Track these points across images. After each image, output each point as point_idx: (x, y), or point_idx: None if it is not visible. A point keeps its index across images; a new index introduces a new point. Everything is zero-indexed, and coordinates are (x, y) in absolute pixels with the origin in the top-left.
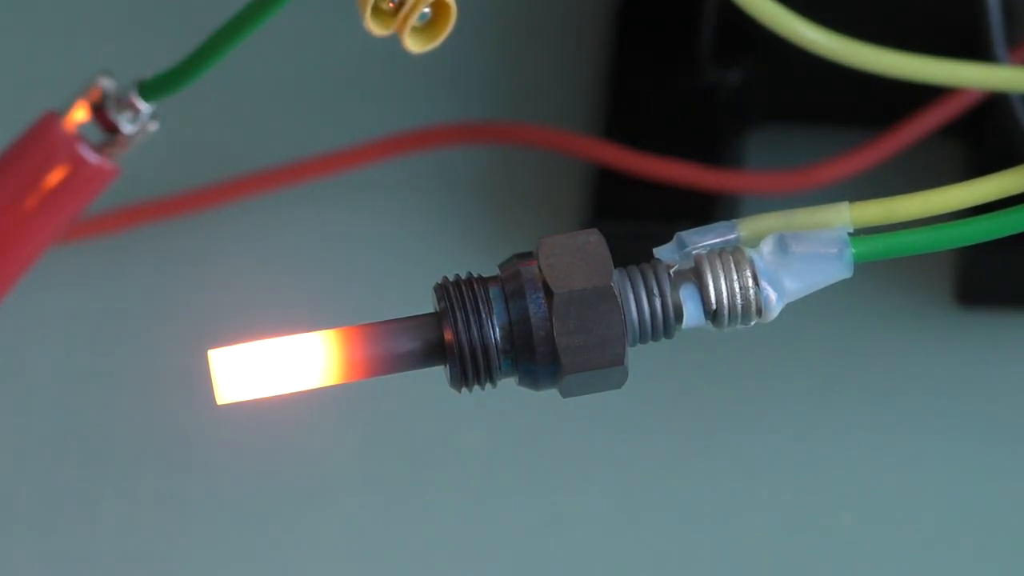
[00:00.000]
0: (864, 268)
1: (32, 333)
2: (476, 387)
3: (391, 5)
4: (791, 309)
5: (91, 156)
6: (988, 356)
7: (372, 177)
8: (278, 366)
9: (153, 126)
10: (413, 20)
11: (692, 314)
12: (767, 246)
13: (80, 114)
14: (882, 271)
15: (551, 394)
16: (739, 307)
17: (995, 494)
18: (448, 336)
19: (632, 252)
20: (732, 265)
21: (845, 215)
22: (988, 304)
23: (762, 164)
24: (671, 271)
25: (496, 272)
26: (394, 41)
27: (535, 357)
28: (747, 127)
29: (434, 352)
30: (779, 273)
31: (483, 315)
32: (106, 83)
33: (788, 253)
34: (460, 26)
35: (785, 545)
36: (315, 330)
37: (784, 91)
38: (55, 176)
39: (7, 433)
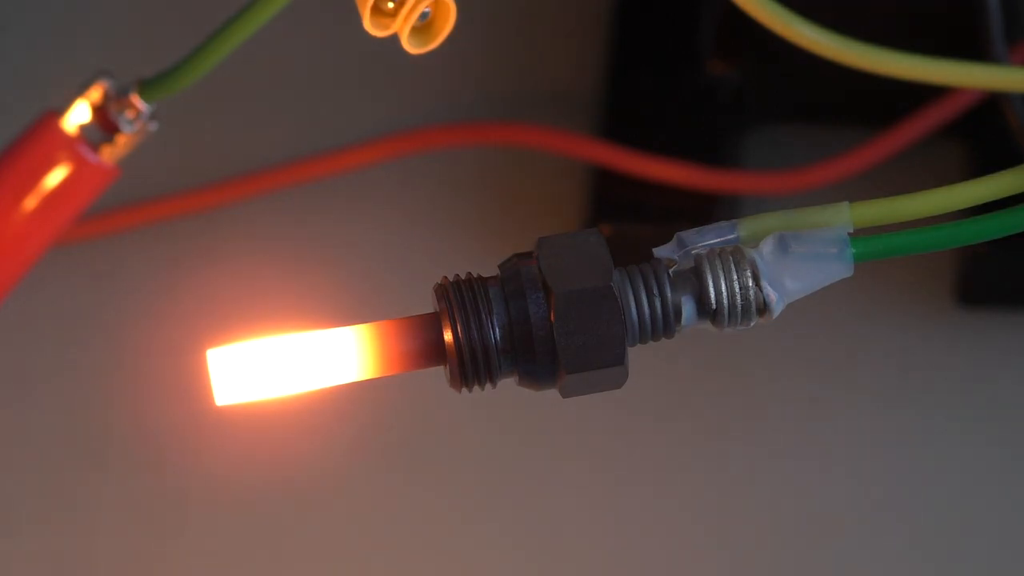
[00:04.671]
0: (864, 268)
1: (32, 333)
2: (476, 387)
3: (391, 6)
4: (792, 309)
5: (91, 156)
6: (988, 356)
7: (372, 177)
8: (277, 366)
9: (153, 126)
10: (413, 20)
11: (692, 314)
12: (767, 246)
13: (80, 114)
14: (882, 271)
15: (551, 394)
16: (739, 307)
17: (995, 492)
18: (448, 336)
19: (632, 252)
20: (732, 265)
21: (845, 215)
22: (988, 304)
23: (762, 164)
24: (671, 271)
25: (496, 272)
26: (394, 41)
27: (535, 357)
28: (747, 127)
29: (434, 352)
30: (779, 273)
31: (483, 315)
32: (106, 83)
33: (788, 253)
34: (459, 26)
35: (785, 545)
36: (314, 330)
37: (784, 91)
38: (55, 176)
39: (7, 433)
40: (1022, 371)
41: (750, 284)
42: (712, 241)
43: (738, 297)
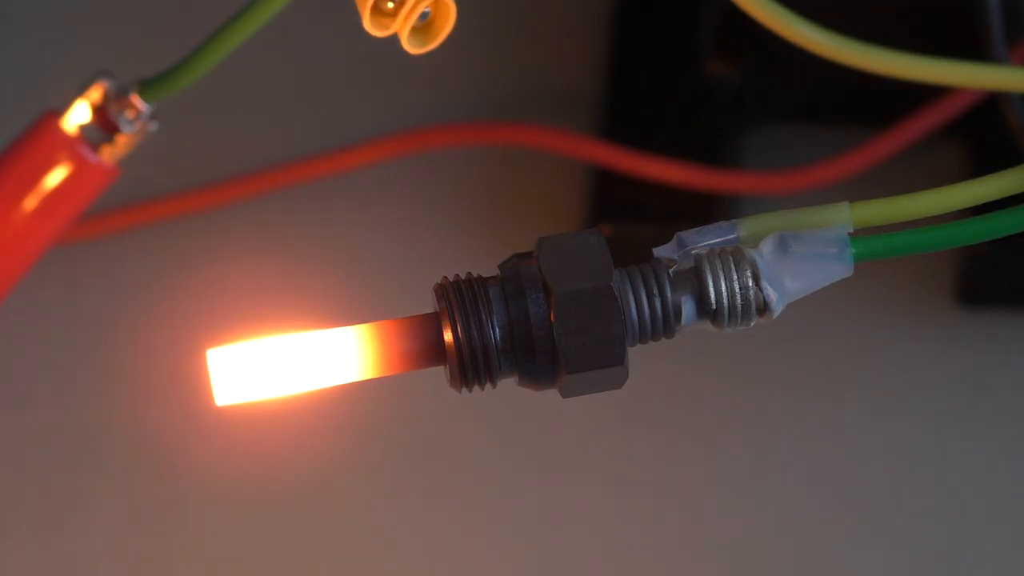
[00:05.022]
0: (864, 268)
1: (32, 333)
2: (476, 387)
3: (391, 6)
4: (791, 309)
5: (91, 156)
6: (988, 356)
7: (372, 177)
8: (277, 367)
9: (153, 126)
10: (413, 20)
11: (692, 314)
12: (767, 246)
13: (80, 114)
14: (882, 271)
15: (551, 394)
16: (739, 307)
17: (995, 493)
18: (448, 336)
19: (632, 252)
20: (732, 265)
21: (845, 215)
22: (988, 304)
23: (762, 164)
24: (671, 271)
25: (496, 272)
26: (393, 41)
27: (535, 357)
28: (747, 127)
29: (434, 352)
30: (779, 273)
31: (483, 315)
32: (106, 83)
33: (788, 253)
34: (459, 26)
35: (785, 545)
36: (314, 330)
37: (784, 91)
38: (55, 176)
39: (7, 433)
40: (1022, 371)
41: (750, 284)
42: (712, 241)
43: (738, 297)
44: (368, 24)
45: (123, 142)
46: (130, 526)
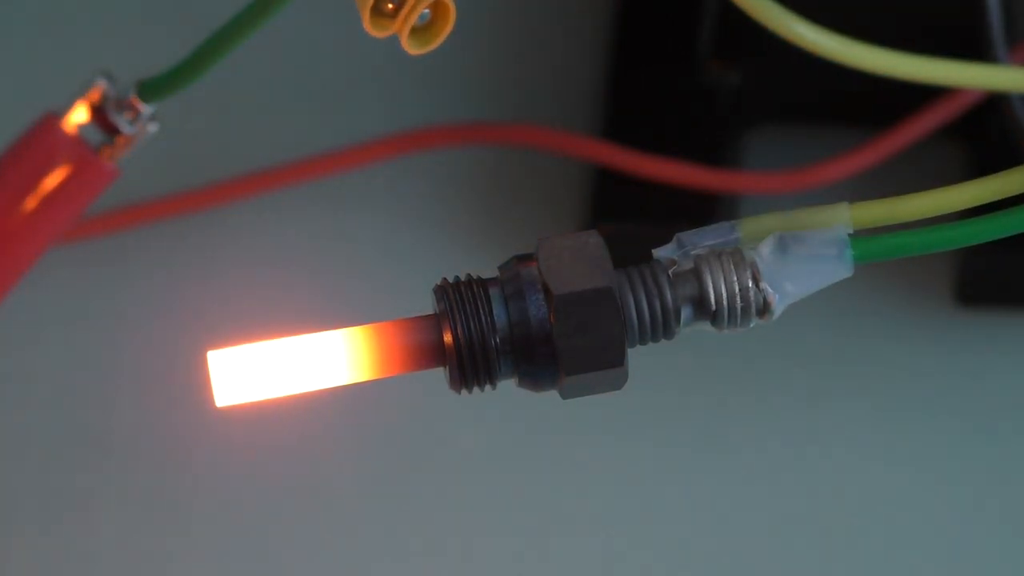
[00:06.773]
0: (864, 268)
1: (32, 333)
2: (476, 388)
3: (391, 6)
4: (791, 309)
5: (91, 157)
6: (988, 356)
7: (372, 177)
8: (277, 368)
9: (153, 126)
10: (413, 21)
11: (691, 315)
12: (767, 247)
13: (80, 115)
14: (882, 271)
15: (551, 395)
16: (739, 308)
17: (995, 494)
18: (448, 338)
19: (632, 252)
20: (732, 266)
21: (845, 215)
22: (988, 304)
23: (762, 164)
24: (671, 272)
25: (496, 273)
26: (394, 41)
27: (535, 359)
28: (747, 127)
29: (434, 353)
30: (779, 274)
31: (483, 317)
32: (106, 84)
33: (788, 254)
34: (459, 26)
35: (785, 545)
36: (314, 331)
37: (784, 91)
38: (55, 177)
39: (7, 433)
40: (1022, 371)
41: (750, 285)
42: (712, 242)
43: (738, 298)
44: (368, 25)
45: (123, 143)
46: (130, 526)
